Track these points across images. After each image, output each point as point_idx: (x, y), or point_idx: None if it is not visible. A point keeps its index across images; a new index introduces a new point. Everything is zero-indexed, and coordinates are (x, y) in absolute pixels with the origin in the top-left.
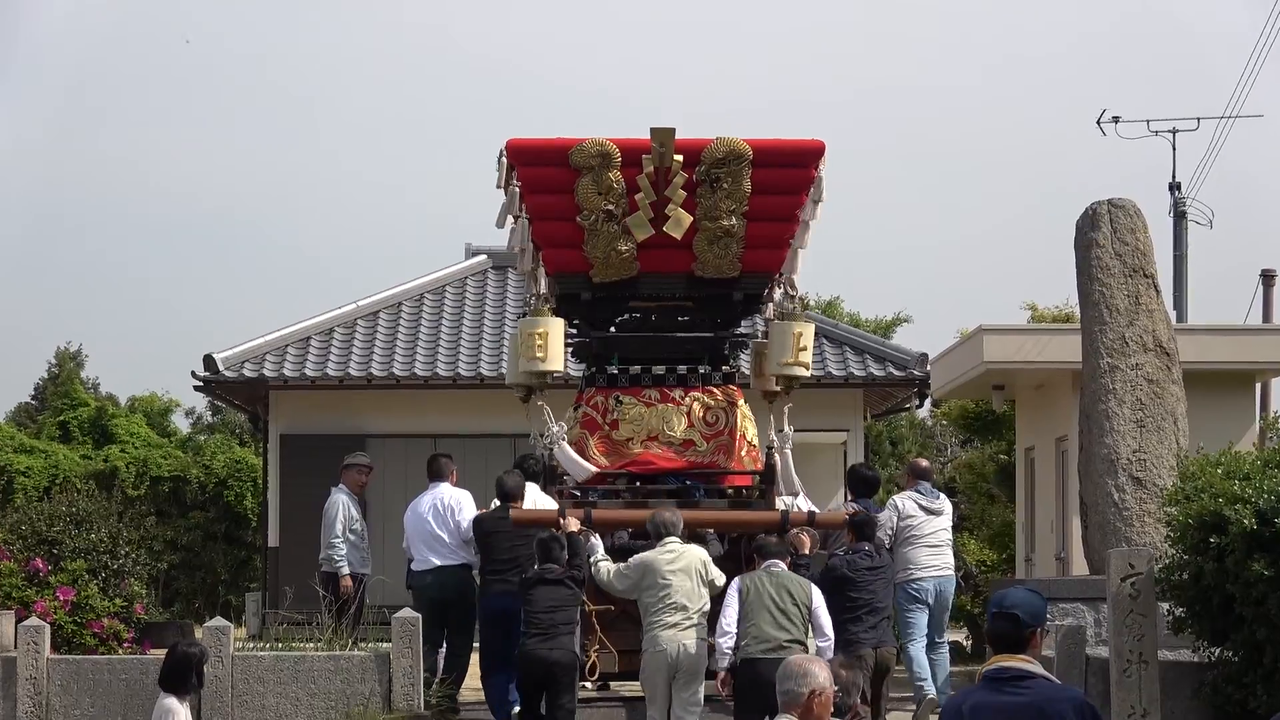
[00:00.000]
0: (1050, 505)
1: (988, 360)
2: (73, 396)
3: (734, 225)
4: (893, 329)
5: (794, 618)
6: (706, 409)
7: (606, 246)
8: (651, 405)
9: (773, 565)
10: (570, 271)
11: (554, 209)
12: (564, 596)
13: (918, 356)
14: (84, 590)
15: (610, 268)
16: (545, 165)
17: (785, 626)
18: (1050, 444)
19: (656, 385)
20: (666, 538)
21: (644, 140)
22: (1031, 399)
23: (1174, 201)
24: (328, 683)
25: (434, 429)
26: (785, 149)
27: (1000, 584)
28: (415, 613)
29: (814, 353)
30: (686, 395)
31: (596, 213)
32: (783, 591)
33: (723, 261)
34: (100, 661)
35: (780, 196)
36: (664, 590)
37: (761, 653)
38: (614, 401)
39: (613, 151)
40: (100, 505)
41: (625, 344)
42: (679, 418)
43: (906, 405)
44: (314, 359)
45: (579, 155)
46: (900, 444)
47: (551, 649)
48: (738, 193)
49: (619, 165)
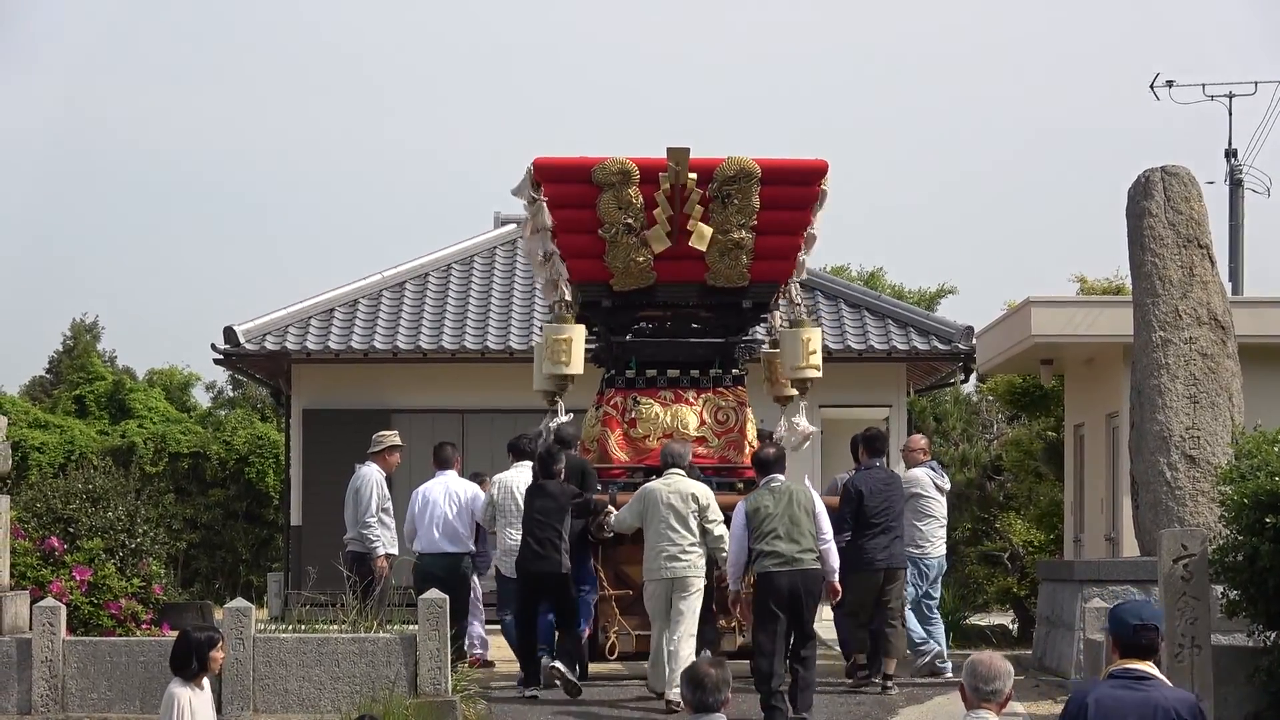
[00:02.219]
0: (1100, 484)
1: (1036, 333)
2: (89, 370)
3: (744, 238)
4: (937, 301)
5: (804, 528)
6: (718, 409)
7: (626, 257)
8: (667, 405)
9: (773, 480)
10: (592, 280)
11: (578, 223)
12: (553, 509)
13: (963, 330)
14: (101, 570)
15: (629, 277)
16: (570, 182)
17: (797, 539)
18: (1100, 420)
19: (671, 387)
20: (671, 468)
21: (661, 160)
22: (1081, 374)
23: (1230, 169)
24: (352, 665)
25: (462, 404)
26: (792, 168)
27: (1047, 566)
28: (443, 595)
29: (856, 325)
30: (699, 396)
31: (617, 226)
32: (790, 504)
33: (733, 272)
34: (118, 643)
35: (787, 212)
36: (660, 519)
37: (776, 566)
38: (632, 402)
39: (632, 170)
40: (117, 482)
41: (642, 348)
42: (693, 417)
43: (951, 380)
44: (338, 331)
45: (601, 173)
46: (945, 420)
47: (541, 563)
48: (747, 208)
49: (638, 182)
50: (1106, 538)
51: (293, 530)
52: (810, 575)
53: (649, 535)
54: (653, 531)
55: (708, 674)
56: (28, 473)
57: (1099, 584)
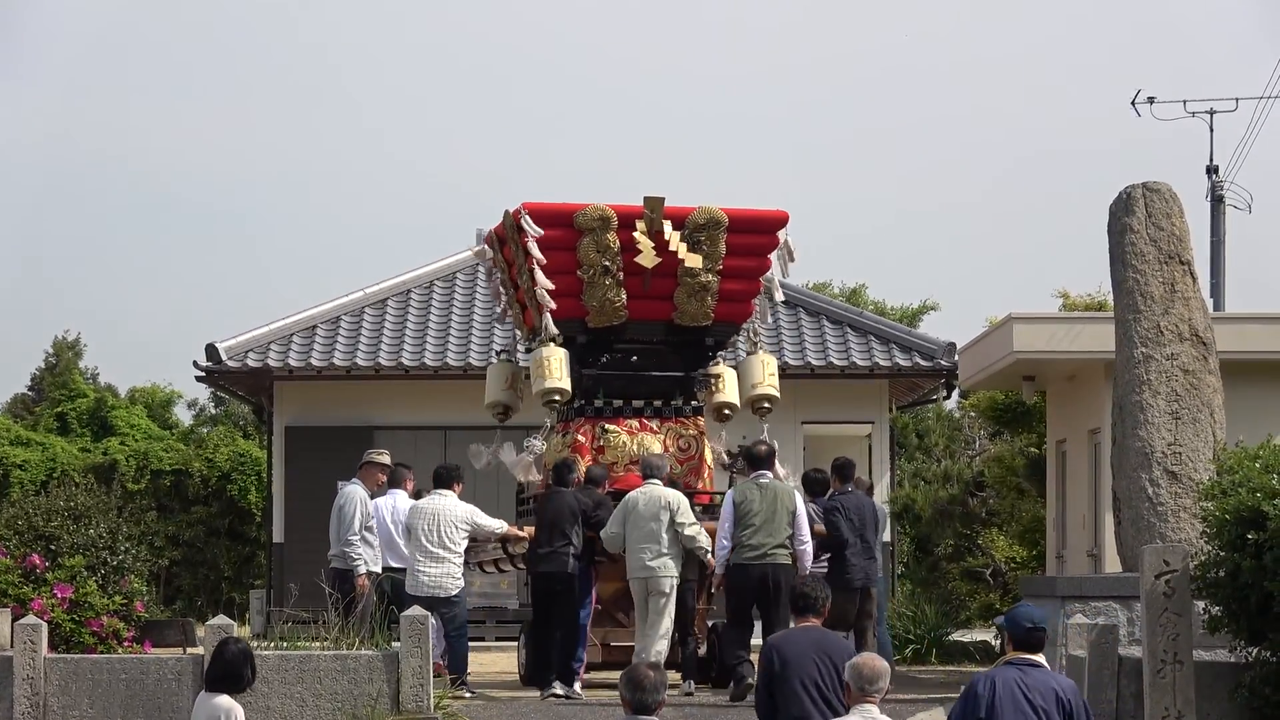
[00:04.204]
0: (1082, 500)
1: (1018, 350)
2: (71, 387)
3: (710, 281)
4: (920, 317)
5: (782, 526)
6: (679, 437)
7: (602, 296)
8: (633, 434)
9: (760, 476)
10: (570, 317)
11: (560, 264)
12: (565, 514)
13: (945, 346)
14: (82, 587)
15: (604, 315)
16: (553, 226)
17: (773, 534)
18: (1083, 436)
19: (636, 416)
20: (649, 478)
21: (637, 207)
22: (1063, 390)
23: (1211, 185)
24: (334, 683)
25: (444, 420)
26: (754, 217)
27: (1029, 582)
28: (425, 611)
29: (839, 341)
30: (663, 425)
31: (595, 268)
32: (772, 500)
33: (699, 311)
34: (99, 661)
35: (748, 259)
36: (637, 525)
37: (751, 559)
38: (600, 430)
39: (611, 216)
40: (99, 499)
41: (610, 381)
42: (657, 445)
43: (934, 397)
44: (320, 348)
45: (582, 218)
46: (927, 436)
47: (548, 563)
48: (714, 253)
49: (616, 228)
50: (1089, 553)
51: (275, 547)
52: (781, 569)
53: (629, 540)
54: (632, 537)
55: (646, 675)
56: (9, 490)
57: (1081, 600)
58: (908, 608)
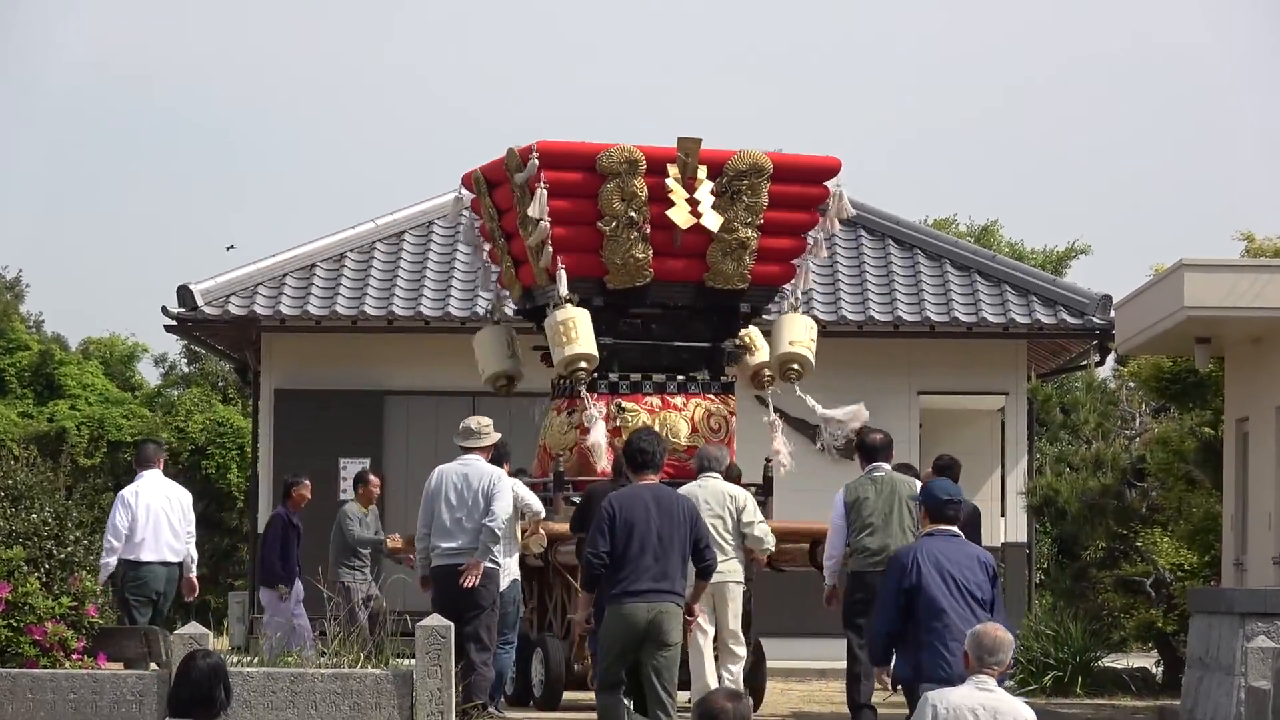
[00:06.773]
0: (1268, 493)
1: (1189, 305)
2: (10, 337)
3: (749, 237)
4: (1066, 263)
5: (904, 521)
6: (710, 414)
7: (625, 253)
8: (654, 413)
9: (876, 470)
10: (586, 276)
11: (576, 214)
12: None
13: (1098, 300)
14: (22, 586)
15: (627, 274)
16: (571, 169)
17: (895, 533)
18: (1269, 414)
19: (658, 393)
20: (707, 471)
21: (669, 149)
22: (1246, 356)
23: None
24: (332, 708)
25: (472, 384)
26: (802, 165)
27: (1200, 595)
28: (447, 621)
29: (966, 293)
30: (689, 401)
31: (619, 219)
32: (890, 495)
33: (734, 273)
34: (42, 677)
35: (793, 212)
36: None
37: (873, 565)
38: (616, 409)
39: (639, 159)
40: (44, 477)
41: (627, 352)
42: (683, 424)
43: (1083, 363)
44: (319, 293)
45: (606, 161)
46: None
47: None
48: (756, 205)
49: (644, 173)
50: (1275, 561)
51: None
52: None
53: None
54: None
55: (724, 709)
56: None
57: (1265, 618)
58: (1048, 625)
